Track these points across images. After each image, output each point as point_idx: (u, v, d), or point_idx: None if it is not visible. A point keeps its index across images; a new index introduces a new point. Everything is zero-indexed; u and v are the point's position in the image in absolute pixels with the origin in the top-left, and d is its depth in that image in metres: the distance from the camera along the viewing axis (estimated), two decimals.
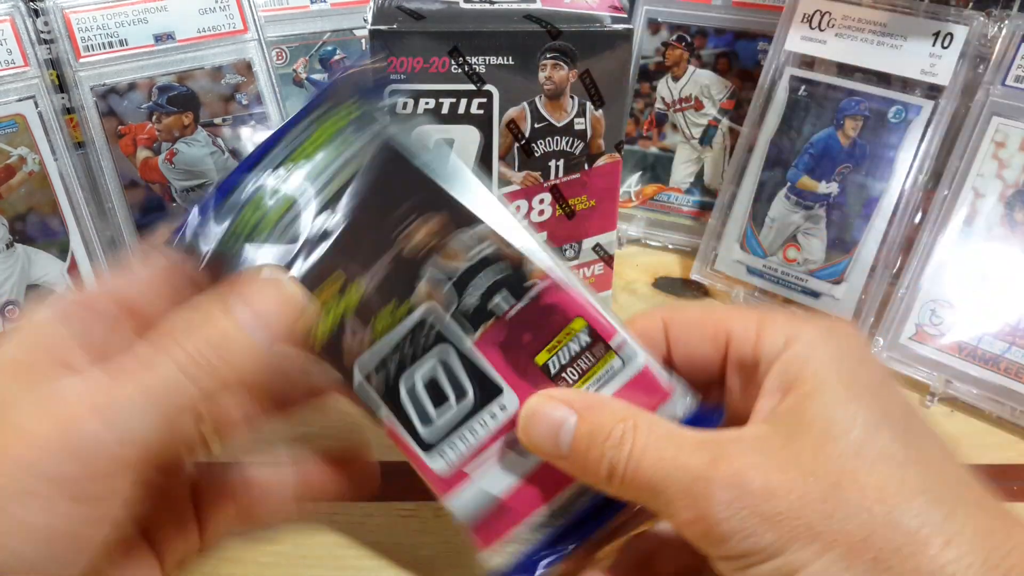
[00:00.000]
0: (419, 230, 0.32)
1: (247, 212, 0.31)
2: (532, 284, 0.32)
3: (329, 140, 0.32)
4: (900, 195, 0.54)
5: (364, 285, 0.31)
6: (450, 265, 0.32)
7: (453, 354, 0.32)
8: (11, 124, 0.50)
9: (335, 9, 0.63)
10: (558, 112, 0.49)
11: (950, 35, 0.52)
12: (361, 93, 0.32)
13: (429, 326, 0.32)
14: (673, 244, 0.67)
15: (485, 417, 0.32)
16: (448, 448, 0.32)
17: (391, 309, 0.32)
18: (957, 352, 0.51)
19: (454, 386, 0.32)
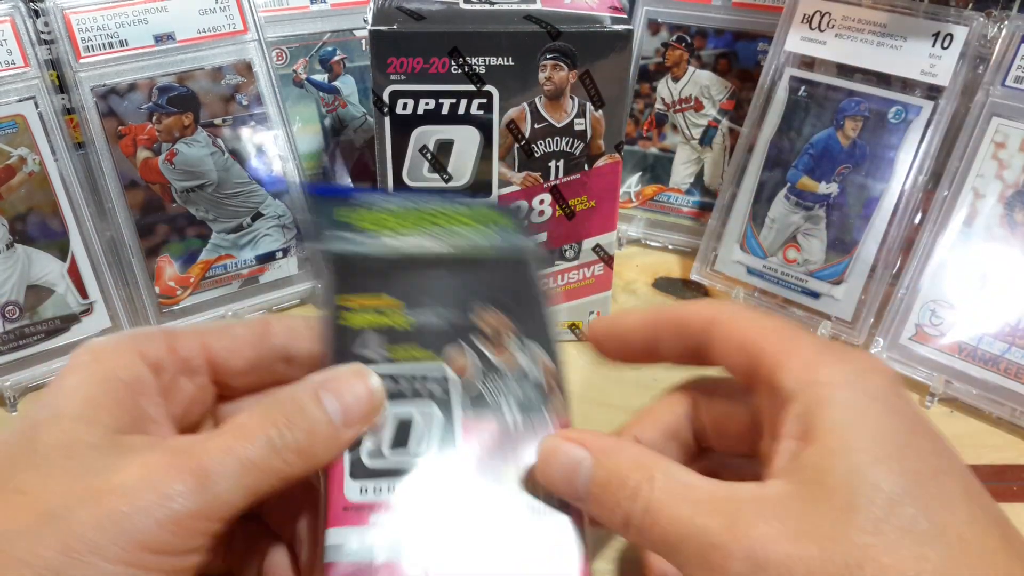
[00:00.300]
0: (497, 320, 0.33)
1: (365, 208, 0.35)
2: (546, 417, 0.32)
3: (482, 221, 0.36)
4: (900, 195, 0.54)
5: (407, 317, 0.33)
6: (495, 358, 0.33)
7: (437, 418, 0.31)
8: (11, 124, 0.50)
9: (335, 9, 0.63)
10: (558, 113, 0.49)
11: (950, 36, 0.52)
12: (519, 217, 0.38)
13: (437, 383, 0.32)
14: (673, 245, 0.67)
15: (425, 486, 0.30)
16: (373, 488, 0.30)
17: (415, 348, 0.32)
18: (957, 352, 0.51)
19: (417, 440, 0.31)
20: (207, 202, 0.56)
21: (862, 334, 0.55)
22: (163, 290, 0.55)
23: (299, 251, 0.59)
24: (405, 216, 0.36)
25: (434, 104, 0.48)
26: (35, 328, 0.51)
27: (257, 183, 0.57)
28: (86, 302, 0.53)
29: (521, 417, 0.32)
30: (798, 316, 0.58)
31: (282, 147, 0.58)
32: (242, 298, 0.58)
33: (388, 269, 0.34)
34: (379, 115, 0.48)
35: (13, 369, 0.51)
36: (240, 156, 0.57)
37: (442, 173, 0.50)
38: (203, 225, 0.56)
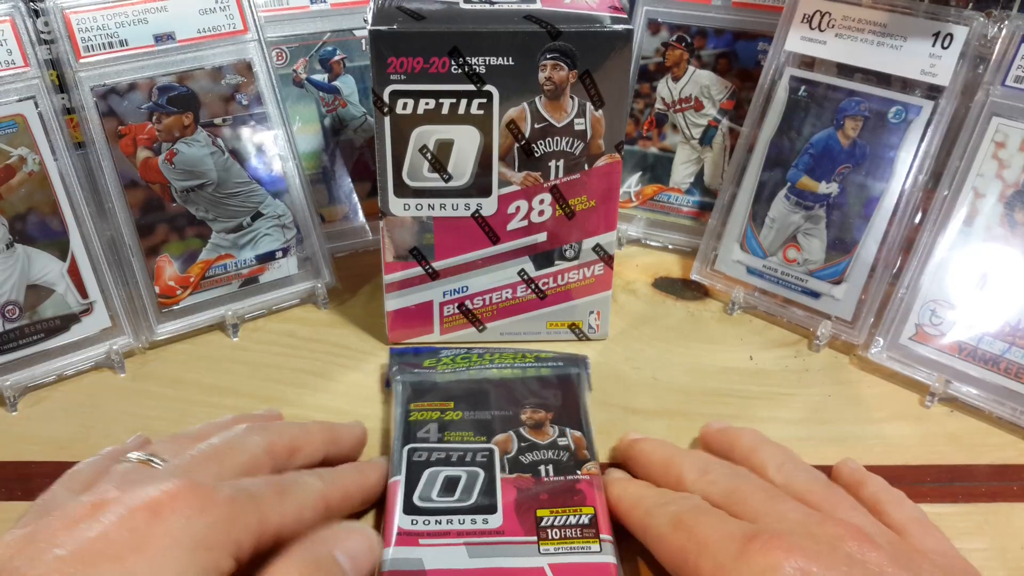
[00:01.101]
0: (540, 415, 0.45)
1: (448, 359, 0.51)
2: (579, 475, 0.41)
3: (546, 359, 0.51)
4: (900, 195, 0.54)
5: (463, 415, 0.45)
6: (532, 438, 0.43)
7: (482, 476, 0.41)
8: (11, 124, 0.50)
9: (335, 9, 0.63)
10: (558, 112, 0.49)
11: (950, 35, 0.52)
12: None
13: (483, 456, 0.42)
14: (673, 244, 0.67)
15: (468, 518, 0.38)
16: (422, 519, 0.38)
17: (468, 436, 0.43)
18: (957, 352, 0.51)
19: (464, 491, 0.40)
20: (207, 202, 0.56)
21: (862, 334, 0.55)
22: (163, 290, 0.55)
23: (299, 251, 0.59)
24: (479, 357, 0.49)
25: (434, 104, 0.48)
26: (35, 328, 0.51)
27: (257, 183, 0.57)
28: (86, 302, 0.53)
29: (555, 475, 0.41)
30: (798, 316, 0.58)
31: (282, 147, 0.58)
32: (242, 298, 0.58)
33: (452, 387, 0.47)
34: (379, 115, 0.48)
35: (13, 369, 0.51)
36: (240, 156, 0.57)
37: (442, 173, 0.50)
38: (203, 225, 0.56)
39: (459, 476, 0.40)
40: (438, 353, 0.50)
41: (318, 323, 0.58)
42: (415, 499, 0.39)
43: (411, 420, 0.44)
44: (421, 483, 0.40)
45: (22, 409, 0.51)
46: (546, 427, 0.44)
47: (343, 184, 0.65)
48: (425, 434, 0.43)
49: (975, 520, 0.43)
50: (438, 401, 0.45)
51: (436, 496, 0.39)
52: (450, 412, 0.45)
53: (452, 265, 0.53)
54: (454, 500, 0.39)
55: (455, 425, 0.44)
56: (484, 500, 0.39)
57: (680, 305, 0.61)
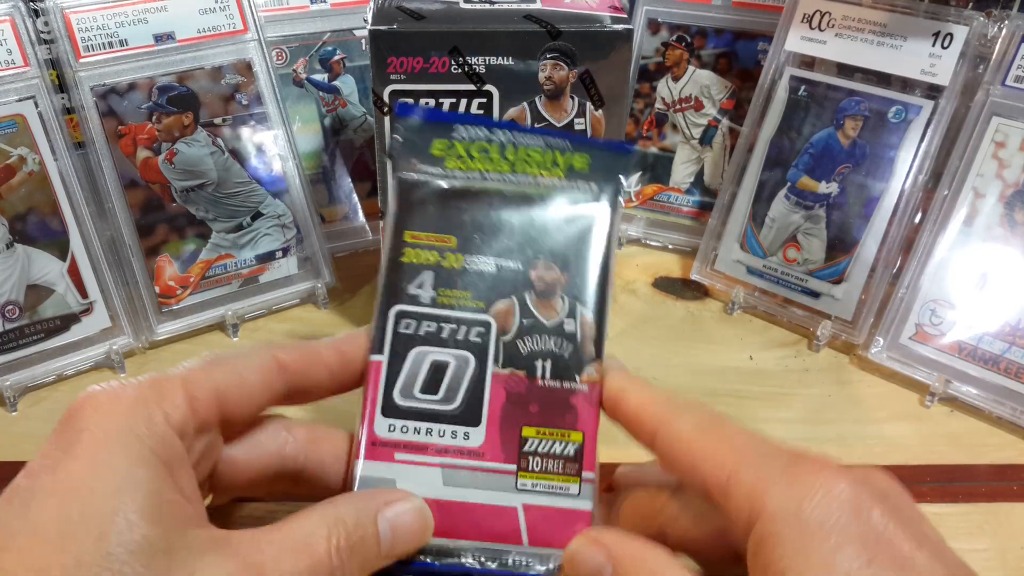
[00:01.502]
0: (552, 276, 0.36)
1: (460, 140, 0.37)
2: (578, 382, 0.35)
3: (567, 168, 0.37)
4: (900, 195, 0.54)
5: (466, 261, 0.36)
6: (536, 311, 0.36)
7: (472, 367, 0.34)
8: (11, 124, 0.50)
9: (335, 9, 0.63)
10: (558, 112, 0.49)
11: (950, 35, 0.52)
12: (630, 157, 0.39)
13: (475, 332, 0.35)
14: (673, 244, 0.67)
15: (449, 430, 0.34)
16: (401, 427, 0.33)
17: (465, 297, 0.35)
18: (957, 352, 0.51)
19: (449, 388, 0.34)
20: (207, 202, 0.56)
21: (862, 334, 0.55)
22: (163, 290, 0.55)
23: (299, 251, 0.59)
24: (500, 155, 0.37)
25: (434, 103, 0.48)
26: (35, 328, 0.51)
27: (257, 183, 0.57)
28: (86, 302, 0.53)
29: (551, 378, 0.35)
30: (798, 316, 0.58)
31: (282, 147, 0.58)
32: (242, 298, 0.58)
33: (458, 210, 0.36)
34: (379, 115, 0.48)
35: (13, 369, 0.51)
36: (240, 156, 0.57)
37: None
38: (203, 225, 0.56)
39: (446, 363, 0.34)
40: (450, 132, 0.37)
41: (318, 323, 0.58)
42: (396, 394, 0.34)
43: (403, 262, 0.35)
44: (405, 369, 0.34)
45: (22, 409, 0.51)
46: (556, 298, 0.36)
47: (343, 184, 0.65)
48: (417, 289, 0.35)
49: (975, 520, 0.43)
50: (437, 234, 0.36)
51: (419, 392, 0.34)
52: (450, 254, 0.36)
53: None
54: (438, 400, 0.34)
55: (453, 277, 0.35)
56: (469, 405, 0.34)
57: (680, 305, 0.61)
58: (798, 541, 0.26)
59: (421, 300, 0.35)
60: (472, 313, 0.35)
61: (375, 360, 0.34)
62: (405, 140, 0.37)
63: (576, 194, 0.37)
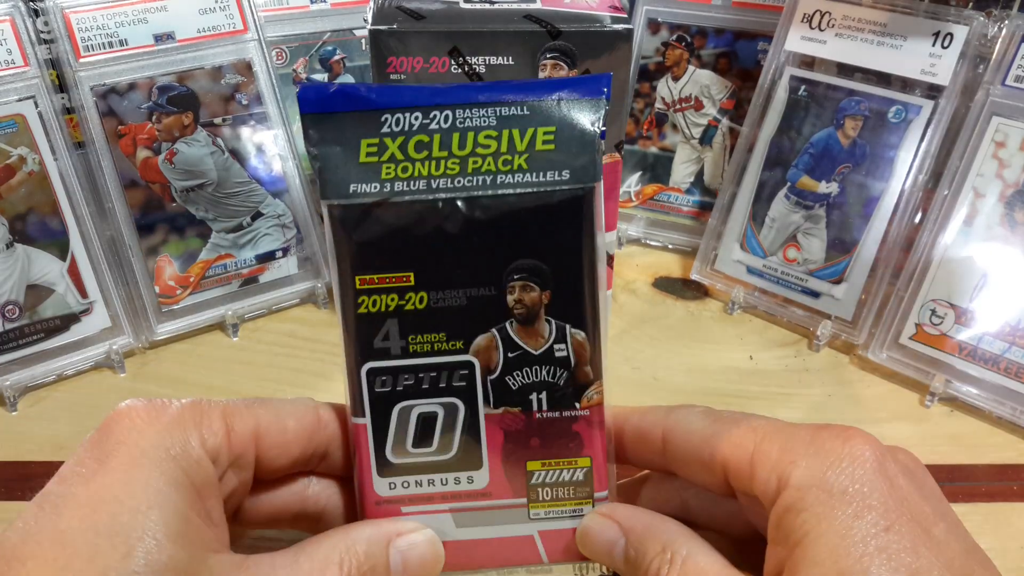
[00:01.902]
0: (531, 297, 0.32)
1: (392, 137, 0.31)
2: (579, 408, 0.32)
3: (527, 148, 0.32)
4: (900, 195, 0.54)
5: (429, 300, 0.31)
6: (521, 341, 0.32)
7: (462, 413, 0.32)
8: (11, 124, 0.50)
9: (335, 9, 0.63)
10: None
11: (950, 35, 0.52)
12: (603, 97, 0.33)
13: (458, 376, 0.32)
14: (673, 244, 0.67)
15: (451, 477, 0.32)
16: (401, 483, 0.32)
17: (438, 339, 0.31)
18: (957, 352, 0.51)
19: (443, 439, 0.32)
20: (207, 201, 0.56)
21: (862, 334, 0.55)
22: (163, 289, 0.55)
23: (299, 251, 0.59)
24: (446, 149, 0.31)
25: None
26: (35, 328, 0.51)
27: (257, 182, 0.57)
28: (86, 302, 0.53)
29: (549, 410, 0.32)
30: (798, 316, 0.58)
31: (282, 146, 0.58)
32: (242, 298, 0.58)
33: (409, 238, 0.31)
34: None
35: (13, 369, 0.51)
36: (240, 155, 0.57)
37: None
38: (203, 225, 0.56)
39: (434, 414, 0.32)
40: (378, 124, 0.30)
41: (318, 323, 0.58)
42: (388, 453, 0.32)
43: (361, 314, 0.31)
44: (392, 427, 0.31)
45: (22, 409, 0.51)
46: (539, 322, 0.32)
47: None
48: (384, 342, 0.31)
49: (975, 520, 0.43)
50: (391, 273, 0.31)
51: (411, 447, 0.32)
52: (411, 294, 0.31)
53: None
54: (432, 451, 0.32)
55: (420, 320, 0.31)
56: (467, 452, 0.32)
57: (680, 305, 0.61)
58: (820, 507, 0.26)
59: (391, 353, 0.31)
60: (450, 356, 0.31)
61: (358, 423, 0.32)
62: (322, 153, 0.30)
63: (545, 187, 0.31)
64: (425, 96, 0.31)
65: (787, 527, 0.26)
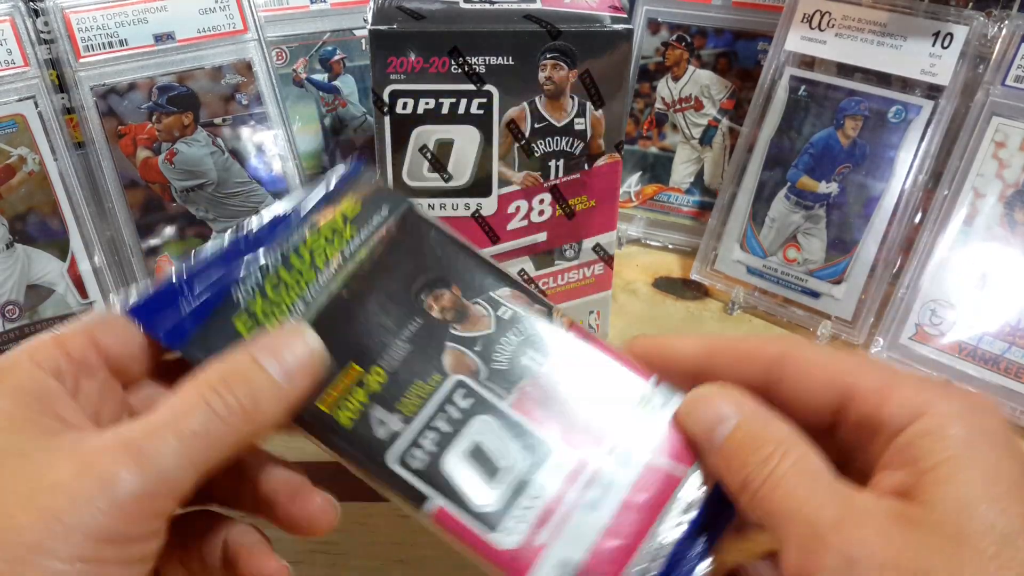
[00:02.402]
0: (445, 299, 0.32)
1: (251, 299, 0.30)
2: (563, 333, 0.32)
3: (346, 220, 0.32)
4: (900, 195, 0.54)
5: (384, 370, 0.31)
6: (473, 331, 0.32)
7: (493, 421, 0.31)
8: (11, 124, 0.50)
9: (335, 9, 0.63)
10: (558, 112, 0.49)
11: (950, 35, 0.52)
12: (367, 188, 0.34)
13: (460, 399, 0.31)
14: (673, 244, 0.67)
15: (543, 479, 0.30)
16: (514, 521, 0.29)
17: (417, 389, 0.31)
18: (957, 352, 0.51)
19: (503, 455, 0.30)
20: (207, 202, 0.56)
21: (862, 334, 0.55)
22: None
23: None
24: (294, 276, 0.32)
25: (434, 103, 0.48)
26: (35, 328, 0.51)
27: (257, 183, 0.57)
28: (86, 302, 0.53)
29: (539, 355, 0.31)
30: (798, 316, 0.58)
31: (282, 147, 0.58)
32: None
33: (327, 339, 0.30)
34: (379, 115, 0.48)
35: None
36: (240, 156, 0.57)
37: (442, 173, 0.50)
38: (203, 225, 0.56)
39: (478, 442, 0.30)
40: (230, 302, 0.30)
41: None
42: (483, 512, 0.29)
43: (346, 428, 0.30)
44: (459, 482, 0.30)
45: None
46: (477, 311, 0.32)
47: None
48: (382, 431, 0.30)
49: None
50: (338, 376, 0.30)
51: (490, 484, 0.30)
52: (368, 378, 0.30)
53: None
54: (504, 476, 0.30)
55: (392, 391, 0.30)
56: (531, 450, 0.30)
57: (680, 305, 0.61)
58: (967, 437, 0.26)
59: (397, 432, 0.30)
60: (438, 390, 0.31)
61: (436, 509, 0.29)
62: (200, 349, 0.29)
63: (377, 227, 0.33)
64: (242, 247, 0.31)
65: (924, 449, 0.26)
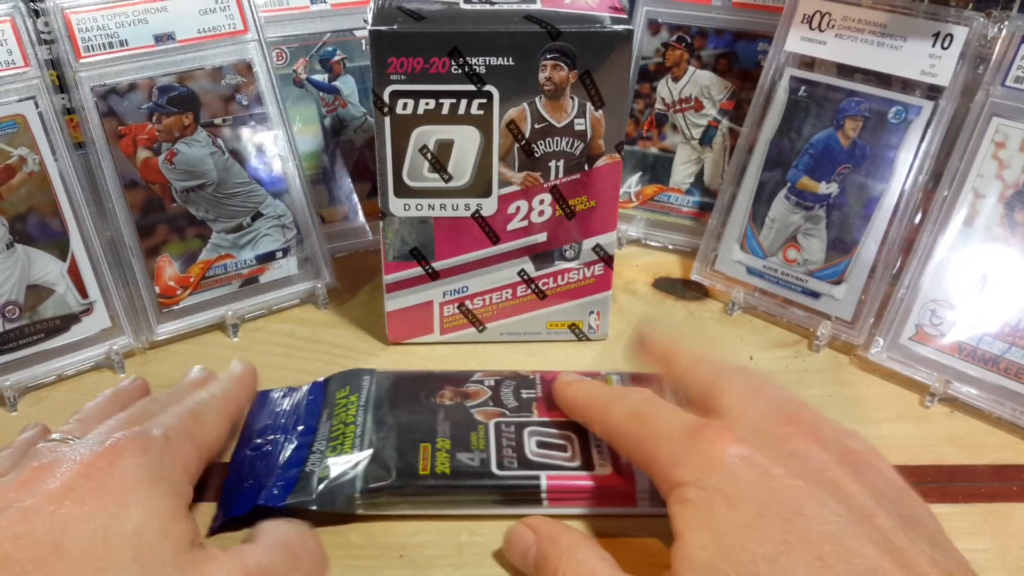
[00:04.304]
0: (444, 397, 0.46)
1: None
2: (533, 378, 0.47)
3: (350, 417, 0.45)
4: (900, 195, 0.54)
5: (445, 437, 0.43)
6: (481, 399, 0.46)
7: (536, 427, 0.43)
8: (11, 124, 0.50)
9: (335, 10, 0.63)
10: (558, 113, 0.49)
11: (950, 36, 0.52)
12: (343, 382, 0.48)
13: (506, 427, 0.43)
14: (673, 245, 0.67)
15: (594, 438, 0.42)
16: (599, 459, 0.42)
17: (474, 436, 0.43)
18: (957, 352, 0.51)
19: (557, 437, 0.43)
20: (207, 202, 0.56)
21: (862, 334, 0.55)
22: (163, 290, 0.55)
23: (299, 251, 0.59)
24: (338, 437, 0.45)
25: (434, 104, 0.48)
26: (35, 328, 0.51)
27: (257, 183, 0.57)
28: (86, 302, 0.53)
29: (529, 389, 0.47)
30: (798, 316, 0.58)
31: (282, 147, 0.58)
32: (242, 298, 0.58)
33: (392, 440, 0.43)
34: (379, 115, 0.48)
35: (13, 369, 0.51)
36: (240, 156, 0.57)
37: (442, 173, 0.50)
38: (203, 225, 0.56)
39: (536, 439, 0.43)
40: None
41: (318, 323, 0.58)
42: (569, 465, 0.42)
43: (446, 472, 0.41)
44: (547, 460, 0.42)
45: (22, 409, 0.51)
46: (464, 391, 0.46)
47: (343, 184, 0.65)
48: (475, 462, 0.42)
49: (975, 520, 0.43)
50: (418, 452, 0.43)
51: (565, 453, 0.42)
52: (439, 443, 0.43)
53: (452, 265, 0.53)
54: (567, 446, 0.43)
55: (459, 442, 0.43)
56: (568, 427, 0.43)
57: (680, 305, 0.61)
58: (700, 502, 0.31)
59: (485, 457, 0.42)
60: (488, 431, 0.44)
61: (547, 482, 0.41)
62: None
63: (368, 386, 0.48)
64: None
65: (673, 519, 0.32)
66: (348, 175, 0.65)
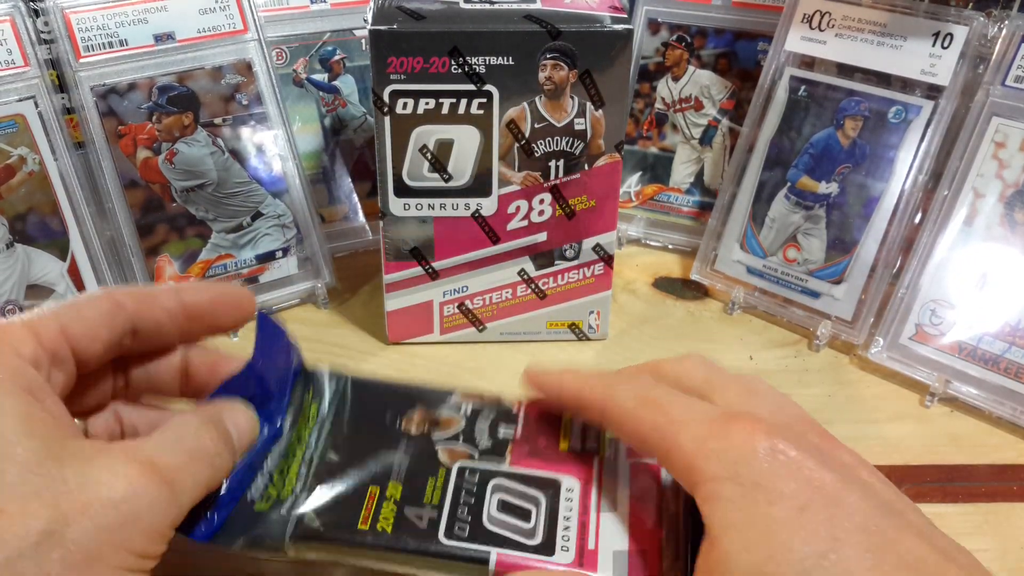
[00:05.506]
0: (411, 423, 0.39)
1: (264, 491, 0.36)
2: (516, 409, 0.39)
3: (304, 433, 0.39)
4: (900, 195, 0.54)
5: (398, 481, 0.37)
6: (451, 431, 0.39)
7: (503, 480, 0.37)
8: (11, 124, 0.50)
9: (335, 9, 0.63)
10: (558, 112, 0.49)
11: (950, 35, 0.52)
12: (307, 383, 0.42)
13: (469, 476, 0.37)
14: (673, 244, 0.67)
15: (565, 506, 0.35)
16: (562, 540, 0.35)
17: (431, 484, 0.37)
18: (957, 352, 0.51)
19: (525, 499, 0.36)
20: (207, 202, 0.56)
21: (862, 334, 0.55)
22: None
23: (299, 251, 0.59)
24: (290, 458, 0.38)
25: (434, 104, 0.48)
26: None
27: (257, 183, 0.57)
28: None
29: (509, 425, 0.39)
30: (798, 316, 0.58)
31: (282, 147, 0.58)
32: None
33: (338, 476, 0.37)
34: (379, 115, 0.48)
35: None
36: (240, 156, 0.57)
37: (442, 173, 0.50)
38: (203, 225, 0.56)
39: (501, 499, 0.36)
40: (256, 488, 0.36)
41: (318, 323, 0.58)
42: (535, 544, 0.35)
43: (386, 531, 0.35)
44: (505, 532, 0.35)
45: None
46: (435, 417, 0.39)
47: (343, 184, 0.65)
48: (423, 522, 0.35)
49: (975, 520, 0.43)
50: (364, 499, 0.36)
51: (529, 523, 0.35)
52: (389, 490, 0.37)
53: (452, 265, 0.53)
54: (535, 512, 0.36)
55: (413, 490, 0.36)
56: (545, 486, 0.36)
57: (680, 305, 0.61)
58: (731, 508, 0.28)
59: (435, 518, 0.36)
60: (449, 479, 0.37)
61: (497, 559, 0.34)
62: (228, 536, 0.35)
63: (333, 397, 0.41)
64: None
65: (706, 518, 0.29)
66: (348, 175, 0.65)
